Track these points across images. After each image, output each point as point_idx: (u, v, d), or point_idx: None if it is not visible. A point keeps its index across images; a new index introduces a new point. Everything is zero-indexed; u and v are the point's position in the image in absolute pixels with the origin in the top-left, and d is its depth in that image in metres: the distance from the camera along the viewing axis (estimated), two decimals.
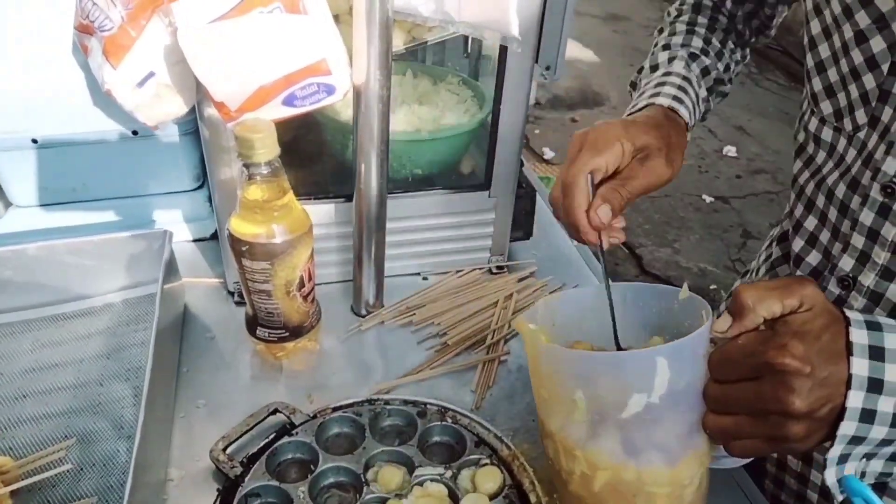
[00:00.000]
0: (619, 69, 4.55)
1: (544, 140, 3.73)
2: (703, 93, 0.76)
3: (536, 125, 3.86)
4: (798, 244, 0.70)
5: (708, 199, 3.35)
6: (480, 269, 0.94)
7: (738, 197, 3.39)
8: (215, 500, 0.62)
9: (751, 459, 0.57)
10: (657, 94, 0.71)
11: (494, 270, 0.95)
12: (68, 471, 0.61)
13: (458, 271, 0.94)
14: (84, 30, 0.64)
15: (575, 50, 4.64)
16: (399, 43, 0.76)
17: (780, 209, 3.19)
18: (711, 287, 2.76)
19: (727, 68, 0.81)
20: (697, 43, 0.79)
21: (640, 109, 0.71)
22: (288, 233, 0.69)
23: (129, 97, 0.65)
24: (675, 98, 0.70)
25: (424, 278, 0.93)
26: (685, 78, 0.73)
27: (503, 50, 0.77)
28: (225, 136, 0.74)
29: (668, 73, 0.74)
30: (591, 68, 4.59)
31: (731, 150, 3.76)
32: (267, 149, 0.64)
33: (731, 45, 0.82)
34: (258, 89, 0.60)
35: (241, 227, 0.68)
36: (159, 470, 0.64)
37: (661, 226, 3.13)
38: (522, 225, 0.97)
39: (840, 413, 0.46)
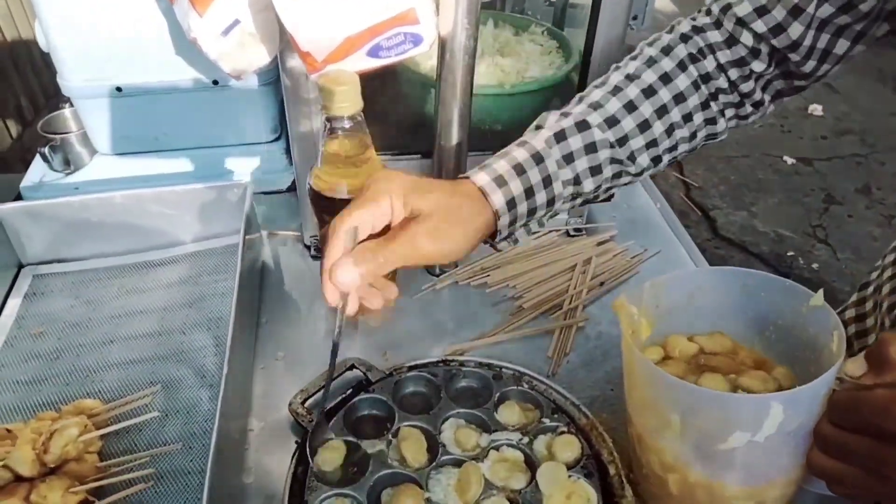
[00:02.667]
0: None
1: None
2: (566, 174, 0.60)
3: None
4: None
5: (789, 160, 3.18)
6: (557, 231, 0.91)
7: (822, 159, 3.19)
8: (294, 452, 0.63)
9: None
10: (485, 167, 0.59)
11: (572, 233, 0.91)
12: (154, 417, 0.63)
13: (534, 233, 0.91)
14: None
15: None
16: None
17: (868, 173, 3.02)
18: (789, 254, 2.64)
19: (670, 137, 0.63)
20: (614, 105, 0.61)
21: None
22: None
23: (213, 46, 0.64)
24: (497, 179, 0.57)
25: None
26: (535, 156, 0.59)
27: None
28: (306, 88, 0.72)
29: (522, 143, 0.60)
30: (668, 18, 4.35)
31: (816, 109, 3.54)
32: (351, 102, 0.62)
33: (709, 106, 0.64)
34: (345, 39, 0.58)
35: (322, 181, 0.67)
36: (241, 419, 0.66)
37: (737, 188, 2.99)
38: None
39: None
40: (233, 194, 0.81)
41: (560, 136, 0.59)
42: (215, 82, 0.88)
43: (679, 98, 0.62)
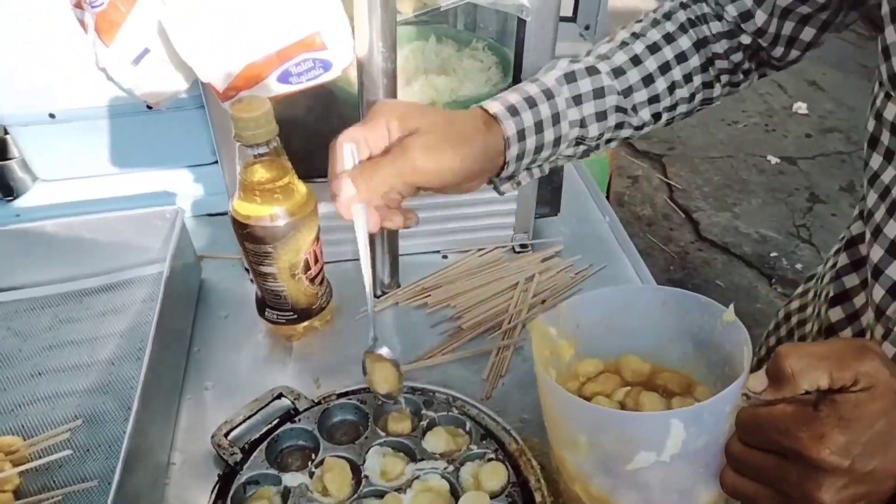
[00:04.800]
0: None
1: None
2: (574, 114, 0.60)
3: None
4: (878, 253, 0.55)
5: (773, 159, 3.16)
6: (503, 247, 0.90)
7: (806, 158, 3.18)
8: (214, 486, 0.62)
9: None
10: (496, 98, 0.59)
11: (518, 249, 0.90)
12: (74, 452, 0.62)
13: (479, 250, 0.90)
14: (78, 5, 0.62)
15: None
16: (408, 10, 0.71)
17: (853, 171, 3.00)
18: (772, 255, 2.62)
19: (670, 95, 0.64)
20: (621, 58, 0.62)
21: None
22: (290, 215, 0.67)
23: (125, 75, 0.63)
24: (510, 108, 0.57)
25: (444, 257, 0.90)
26: (546, 91, 0.59)
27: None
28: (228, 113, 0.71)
29: (534, 79, 0.61)
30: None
31: (801, 107, 3.53)
32: (263, 129, 0.61)
33: (707, 70, 0.66)
34: (246, 67, 0.57)
35: (241, 208, 0.66)
36: (161, 454, 0.64)
37: (720, 188, 2.98)
38: (549, 200, 0.92)
39: None
40: (165, 220, 0.80)
41: (570, 77, 0.60)
42: (149, 107, 0.86)
43: (681, 57, 0.64)
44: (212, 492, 0.61)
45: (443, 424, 0.67)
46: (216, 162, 0.96)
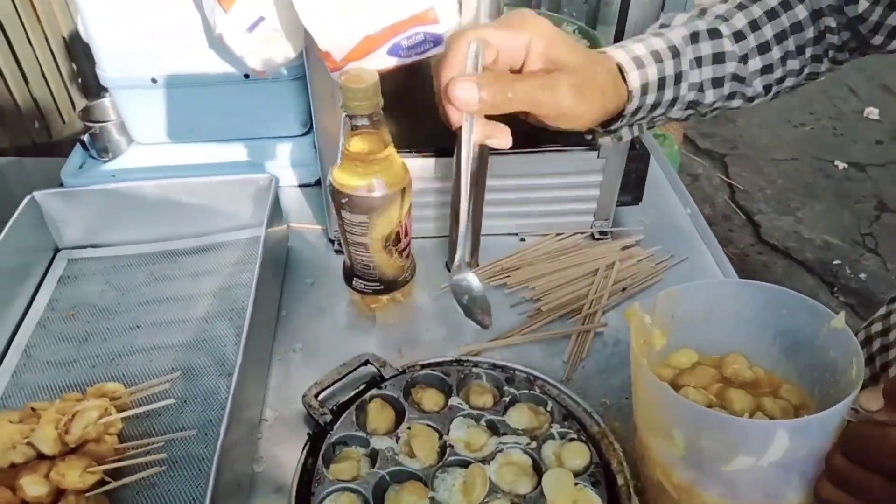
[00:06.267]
0: None
1: None
2: (695, 76, 0.59)
3: None
4: None
5: (841, 165, 3.06)
6: (582, 233, 0.90)
7: (876, 164, 3.07)
8: (305, 444, 0.64)
9: None
10: (621, 46, 0.56)
11: (597, 236, 0.90)
12: (171, 403, 0.65)
13: (557, 234, 0.90)
14: None
15: None
16: None
17: None
18: (835, 262, 2.55)
19: (771, 71, 0.62)
20: (741, 21, 0.60)
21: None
22: (387, 187, 0.68)
23: (239, 42, 0.65)
24: (636, 60, 0.55)
25: (522, 239, 0.90)
26: (672, 48, 0.57)
27: None
28: (332, 84, 0.72)
29: (658, 33, 0.58)
30: None
31: (873, 112, 3.40)
32: (370, 100, 0.62)
33: (819, 42, 0.63)
34: (364, 38, 0.58)
35: (342, 178, 0.68)
36: (255, 409, 0.67)
37: (784, 192, 2.90)
38: (632, 189, 0.92)
39: None
40: (259, 187, 0.82)
41: (694, 38, 0.58)
42: (246, 76, 0.89)
43: (796, 27, 0.61)
44: (303, 449, 0.63)
45: (524, 402, 0.68)
46: (303, 134, 0.99)
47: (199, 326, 0.75)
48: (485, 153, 0.75)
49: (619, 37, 0.74)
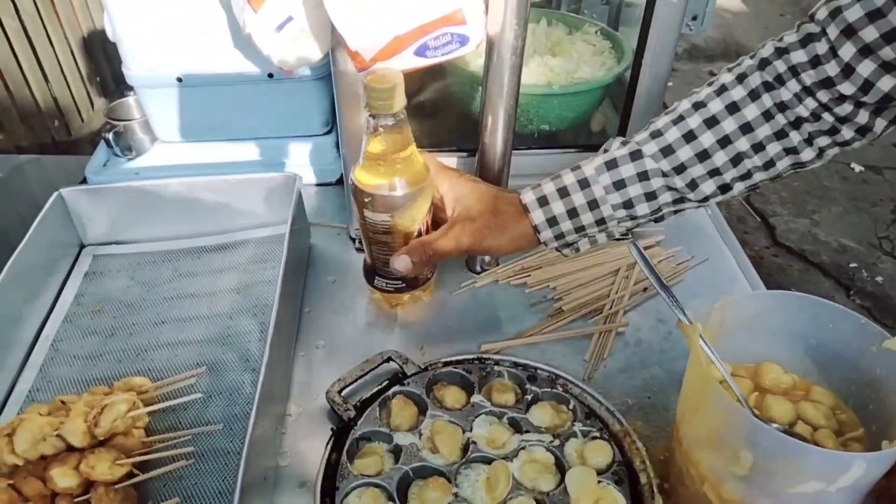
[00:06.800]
0: (767, 18, 4.16)
1: (678, 94, 3.49)
2: (615, 199, 0.63)
3: (670, 78, 3.63)
4: None
5: (857, 168, 3.04)
6: None
7: (893, 168, 3.04)
8: (329, 439, 0.65)
9: None
10: (536, 187, 0.66)
11: (618, 236, 0.90)
12: (198, 397, 0.66)
13: None
14: None
15: None
16: None
17: None
18: (851, 265, 2.53)
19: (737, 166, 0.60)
20: (673, 135, 0.61)
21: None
22: (409, 186, 0.68)
23: (267, 42, 0.66)
24: (540, 199, 0.65)
25: None
26: (582, 181, 0.63)
27: None
28: (357, 84, 0.73)
29: (576, 168, 0.65)
30: (736, 17, 4.23)
31: None
32: (395, 100, 0.62)
33: (787, 135, 0.59)
34: (393, 39, 0.58)
35: (364, 177, 0.68)
36: (280, 404, 0.68)
37: (800, 195, 2.88)
38: None
39: None
40: (282, 185, 0.83)
41: (611, 164, 0.63)
42: (270, 75, 0.90)
43: (746, 128, 0.59)
44: (327, 444, 0.64)
45: (546, 400, 0.68)
46: (324, 133, 0.99)
47: (223, 322, 0.76)
48: (508, 154, 0.75)
49: (642, 39, 0.74)
